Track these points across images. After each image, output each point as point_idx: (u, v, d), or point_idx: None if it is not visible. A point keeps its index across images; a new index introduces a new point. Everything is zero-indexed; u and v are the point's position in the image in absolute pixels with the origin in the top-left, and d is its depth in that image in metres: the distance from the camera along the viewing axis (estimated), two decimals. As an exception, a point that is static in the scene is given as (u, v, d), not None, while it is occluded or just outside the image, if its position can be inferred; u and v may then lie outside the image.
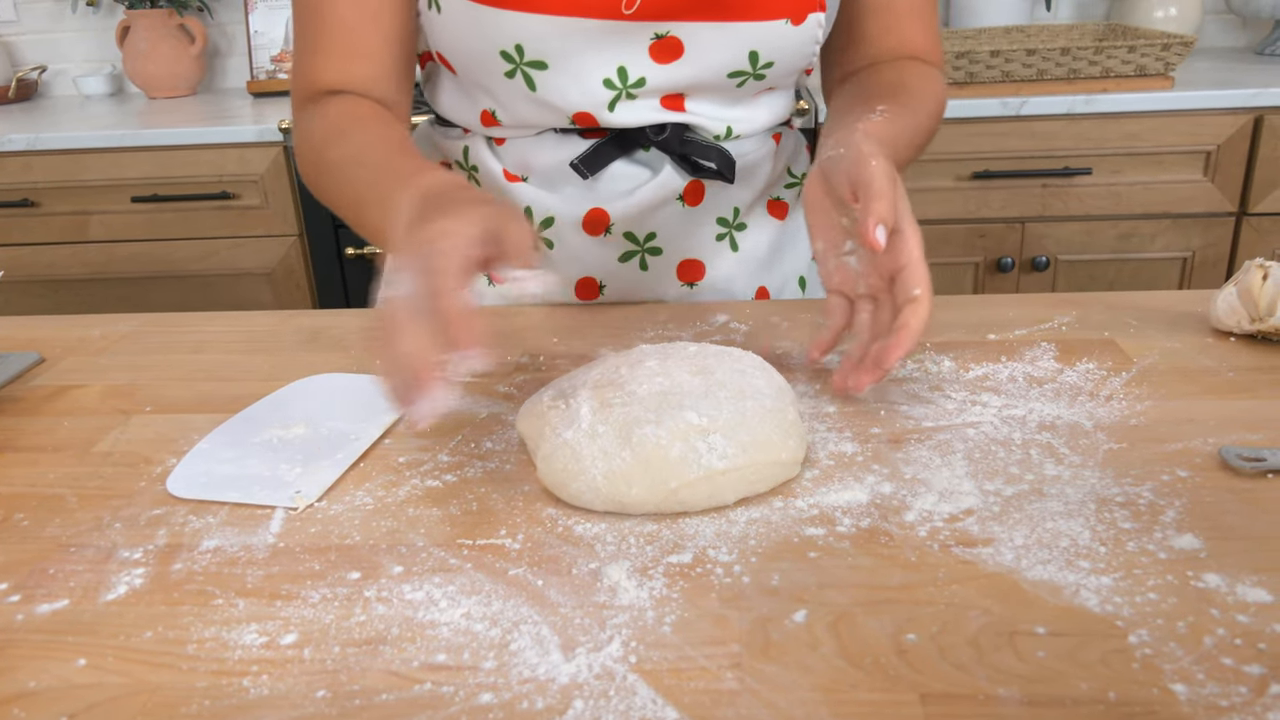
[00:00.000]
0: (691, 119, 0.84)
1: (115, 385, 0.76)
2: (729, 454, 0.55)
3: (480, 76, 0.82)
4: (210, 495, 0.59)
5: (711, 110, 0.85)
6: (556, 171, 0.87)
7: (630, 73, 0.80)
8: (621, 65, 0.80)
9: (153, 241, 2.02)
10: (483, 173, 0.89)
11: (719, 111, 0.85)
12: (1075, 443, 0.60)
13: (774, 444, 0.56)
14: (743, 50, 0.79)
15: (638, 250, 0.89)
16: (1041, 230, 1.87)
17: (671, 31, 0.78)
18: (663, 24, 0.78)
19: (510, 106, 0.84)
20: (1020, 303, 0.83)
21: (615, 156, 0.86)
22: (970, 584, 0.48)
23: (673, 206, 0.87)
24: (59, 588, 0.52)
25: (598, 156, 0.86)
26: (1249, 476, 0.56)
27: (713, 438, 0.55)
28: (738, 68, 0.80)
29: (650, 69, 0.80)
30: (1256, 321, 0.71)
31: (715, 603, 0.48)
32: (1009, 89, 1.80)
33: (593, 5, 0.76)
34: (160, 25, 2.29)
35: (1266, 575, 0.47)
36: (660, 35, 0.78)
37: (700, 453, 0.55)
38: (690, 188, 0.87)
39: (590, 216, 0.87)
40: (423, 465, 0.62)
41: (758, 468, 0.56)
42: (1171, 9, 2.11)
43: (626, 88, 0.81)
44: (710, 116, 0.85)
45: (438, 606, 0.48)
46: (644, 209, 0.87)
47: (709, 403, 0.57)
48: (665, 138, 0.85)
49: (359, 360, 0.78)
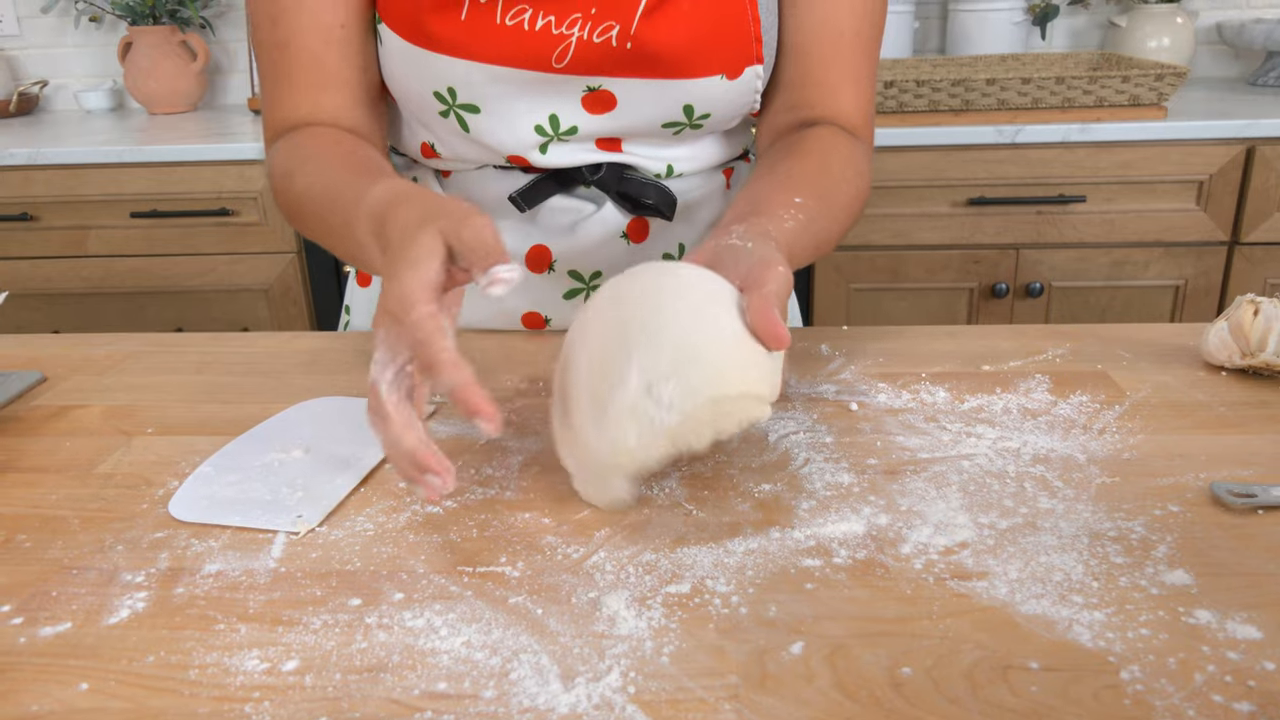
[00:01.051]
0: (629, 159, 0.84)
1: (117, 406, 0.76)
2: (675, 403, 0.54)
3: (418, 112, 0.83)
4: (212, 518, 0.60)
5: (650, 151, 0.85)
6: (498, 206, 0.86)
7: (562, 121, 0.81)
8: (553, 114, 0.80)
9: (151, 257, 2.02)
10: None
11: (658, 152, 0.85)
12: (1069, 476, 0.61)
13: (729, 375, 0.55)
14: (676, 104, 0.80)
15: (583, 287, 0.89)
16: (1036, 257, 1.88)
17: (604, 85, 0.78)
18: (594, 78, 0.78)
19: (447, 142, 0.84)
20: (1014, 334, 0.84)
21: (554, 191, 0.86)
22: (965, 618, 0.49)
23: (617, 244, 0.87)
24: (61, 610, 0.52)
25: (536, 191, 0.85)
26: (1239, 512, 0.57)
27: (657, 389, 0.54)
28: (672, 119, 0.81)
29: (582, 118, 0.81)
30: (1247, 356, 0.72)
31: (713, 633, 0.48)
32: (1004, 116, 1.82)
33: (523, 57, 0.76)
34: (162, 42, 2.30)
35: (1256, 612, 0.48)
36: (592, 88, 0.79)
37: (651, 415, 0.54)
38: (633, 225, 0.87)
39: (533, 253, 0.87)
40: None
41: (716, 404, 0.54)
42: (1165, 39, 2.14)
43: (558, 134, 0.81)
44: (649, 156, 0.85)
45: (438, 634, 0.49)
46: (586, 246, 0.87)
47: (651, 351, 0.55)
48: (602, 176, 0.85)
49: (358, 384, 0.78)
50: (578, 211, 0.86)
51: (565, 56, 0.76)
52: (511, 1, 0.75)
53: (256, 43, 0.82)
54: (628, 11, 0.75)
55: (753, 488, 0.61)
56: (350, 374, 0.81)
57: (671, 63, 0.77)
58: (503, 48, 0.76)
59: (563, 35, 0.76)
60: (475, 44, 0.76)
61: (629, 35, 0.75)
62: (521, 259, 0.87)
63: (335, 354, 0.85)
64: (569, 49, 0.76)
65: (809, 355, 0.81)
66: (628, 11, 0.75)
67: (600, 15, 0.75)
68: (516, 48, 0.76)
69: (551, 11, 0.75)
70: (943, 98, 1.83)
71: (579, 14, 0.75)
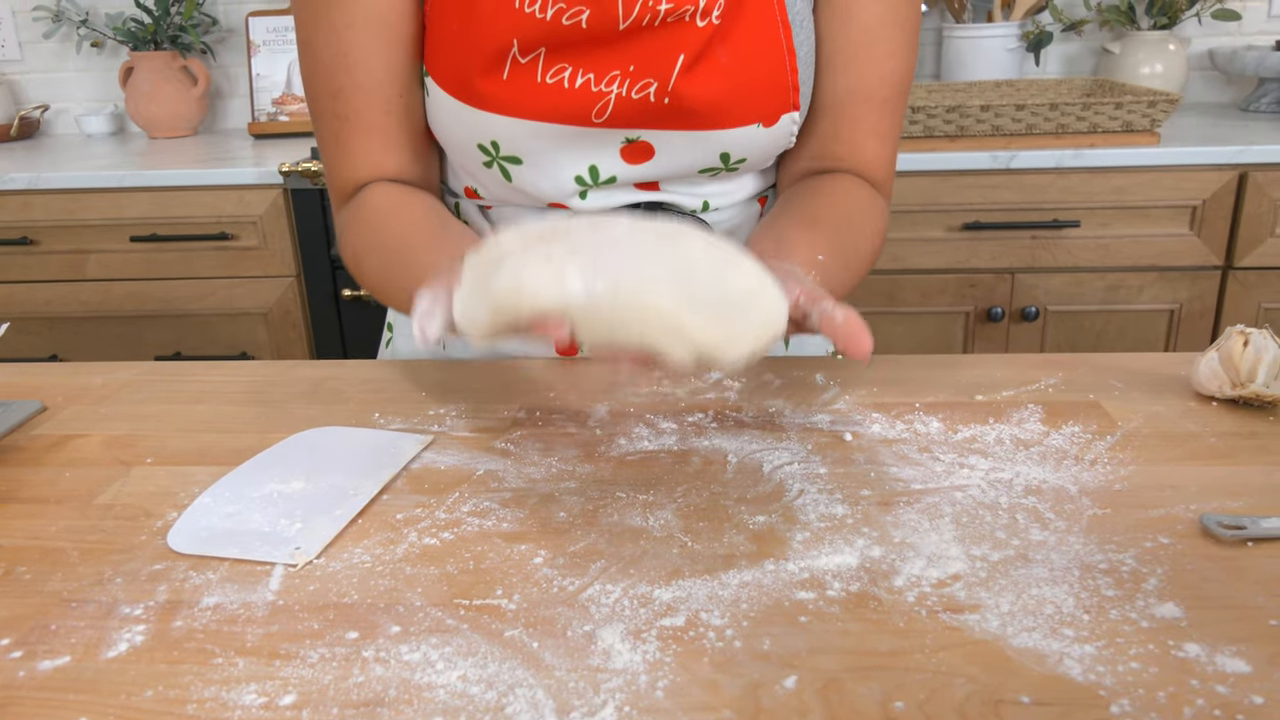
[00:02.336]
0: (666, 198, 0.87)
1: (116, 435, 0.77)
2: (595, 290, 0.50)
3: (463, 161, 0.86)
4: (211, 550, 0.60)
5: (687, 189, 0.87)
6: None
7: (601, 171, 0.83)
8: (593, 165, 0.83)
9: (150, 281, 2.03)
10: (472, 228, 0.91)
11: (695, 189, 0.87)
12: (1060, 507, 0.62)
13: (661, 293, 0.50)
14: (713, 152, 0.82)
15: None
16: (1031, 281, 1.89)
17: (642, 137, 0.81)
18: (633, 130, 0.80)
19: (490, 189, 0.88)
20: (1008, 363, 0.84)
21: None
22: (957, 651, 0.49)
23: None
24: (61, 644, 0.52)
25: None
26: (1229, 544, 0.57)
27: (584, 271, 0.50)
28: (709, 165, 0.83)
29: (621, 168, 0.83)
30: (1238, 387, 0.73)
31: (707, 667, 0.49)
32: (999, 142, 1.84)
33: (563, 113, 0.78)
34: (164, 67, 2.32)
35: (1245, 645, 0.49)
36: (631, 140, 0.81)
37: (567, 278, 0.50)
38: None
39: None
40: (420, 522, 0.63)
41: (627, 309, 0.50)
42: (1157, 65, 2.15)
43: (597, 183, 0.83)
44: (685, 194, 0.87)
45: (434, 668, 0.49)
46: None
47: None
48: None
49: (358, 413, 0.79)
50: None
51: (605, 112, 0.78)
52: (551, 60, 0.77)
53: (316, 114, 0.85)
54: (666, 68, 0.77)
55: (747, 519, 0.62)
56: (349, 404, 0.81)
57: (709, 115, 0.79)
58: (543, 105, 0.78)
59: (601, 92, 0.78)
60: (517, 101, 0.78)
61: (667, 91, 0.77)
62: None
63: (335, 383, 0.85)
64: (608, 105, 0.78)
65: (803, 384, 0.81)
66: (666, 68, 0.77)
67: (639, 73, 0.77)
68: (557, 104, 0.78)
69: (590, 70, 0.77)
70: (938, 123, 1.84)
71: (618, 71, 0.77)
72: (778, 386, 0.81)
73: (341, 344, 2.06)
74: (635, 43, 0.77)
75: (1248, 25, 2.28)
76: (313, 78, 0.83)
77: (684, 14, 0.76)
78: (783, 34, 0.79)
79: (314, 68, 0.83)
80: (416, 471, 0.70)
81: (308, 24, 0.82)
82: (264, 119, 2.33)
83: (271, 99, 2.33)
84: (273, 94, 2.33)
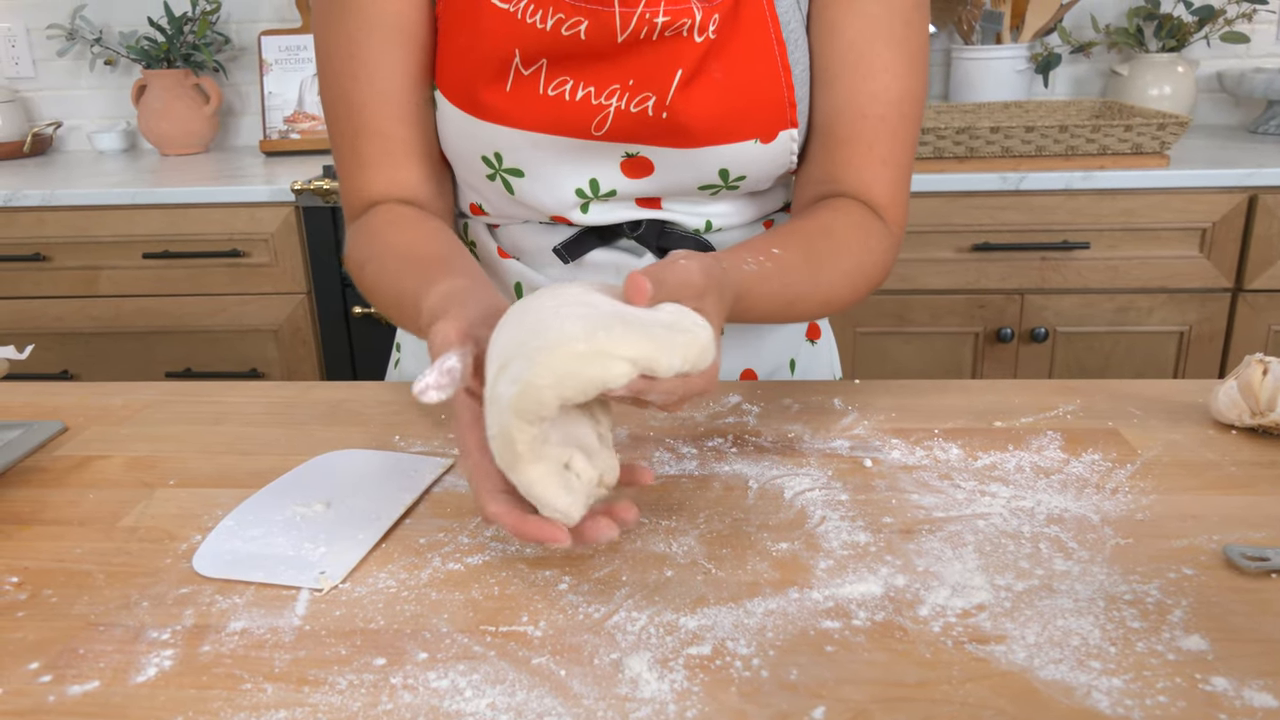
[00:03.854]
0: (669, 216, 0.87)
1: (138, 457, 0.77)
2: (519, 375, 0.51)
3: (467, 175, 0.87)
4: (236, 575, 0.60)
5: (688, 208, 0.88)
6: (543, 255, 0.90)
7: (602, 184, 0.84)
8: (593, 178, 0.84)
9: (161, 297, 2.04)
10: (479, 248, 0.93)
11: (696, 208, 0.88)
12: (1083, 537, 0.62)
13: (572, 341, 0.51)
14: (711, 169, 0.82)
15: None
16: (1041, 302, 1.90)
17: (641, 152, 0.82)
18: (632, 145, 0.81)
19: (494, 203, 0.88)
20: (1024, 389, 0.84)
21: (596, 244, 0.89)
22: (984, 683, 0.49)
23: None
24: (89, 668, 0.52)
25: (579, 244, 0.89)
26: (1254, 576, 0.57)
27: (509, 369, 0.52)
28: (708, 182, 0.84)
29: (621, 181, 0.84)
30: (1257, 416, 0.73)
31: (735, 697, 0.49)
32: (1008, 164, 1.84)
33: (564, 125, 0.80)
34: (176, 85, 2.33)
35: (1273, 679, 0.49)
36: (631, 154, 0.82)
37: (500, 393, 0.52)
38: None
39: None
40: (444, 547, 0.63)
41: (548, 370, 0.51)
42: (1166, 88, 2.16)
43: (598, 196, 0.84)
44: (687, 213, 0.88)
45: (463, 696, 0.49)
46: None
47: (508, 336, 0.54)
48: (642, 232, 0.88)
49: (377, 435, 0.79)
50: (619, 261, 0.89)
51: (604, 125, 0.79)
52: (554, 74, 0.79)
53: (332, 126, 0.86)
54: (664, 83, 0.78)
55: (770, 546, 0.62)
56: (369, 425, 0.81)
57: (705, 132, 0.79)
58: (545, 116, 0.79)
59: (601, 105, 0.79)
60: (519, 112, 0.79)
61: (664, 106, 0.78)
62: None
63: (354, 405, 0.86)
64: (608, 118, 0.79)
65: (822, 409, 0.82)
66: (664, 83, 0.78)
67: (637, 87, 0.78)
68: (558, 116, 0.79)
69: (591, 83, 0.78)
70: (947, 145, 1.85)
71: (617, 85, 0.78)
72: (796, 411, 0.82)
73: (351, 361, 2.06)
74: (634, 56, 0.78)
75: (1256, 48, 2.29)
76: (329, 88, 0.84)
77: (681, 28, 0.77)
78: (777, 51, 0.80)
79: (330, 78, 0.84)
80: (438, 495, 0.70)
81: (325, 33, 0.83)
82: (276, 137, 2.34)
83: (283, 117, 2.34)
84: (284, 112, 2.34)
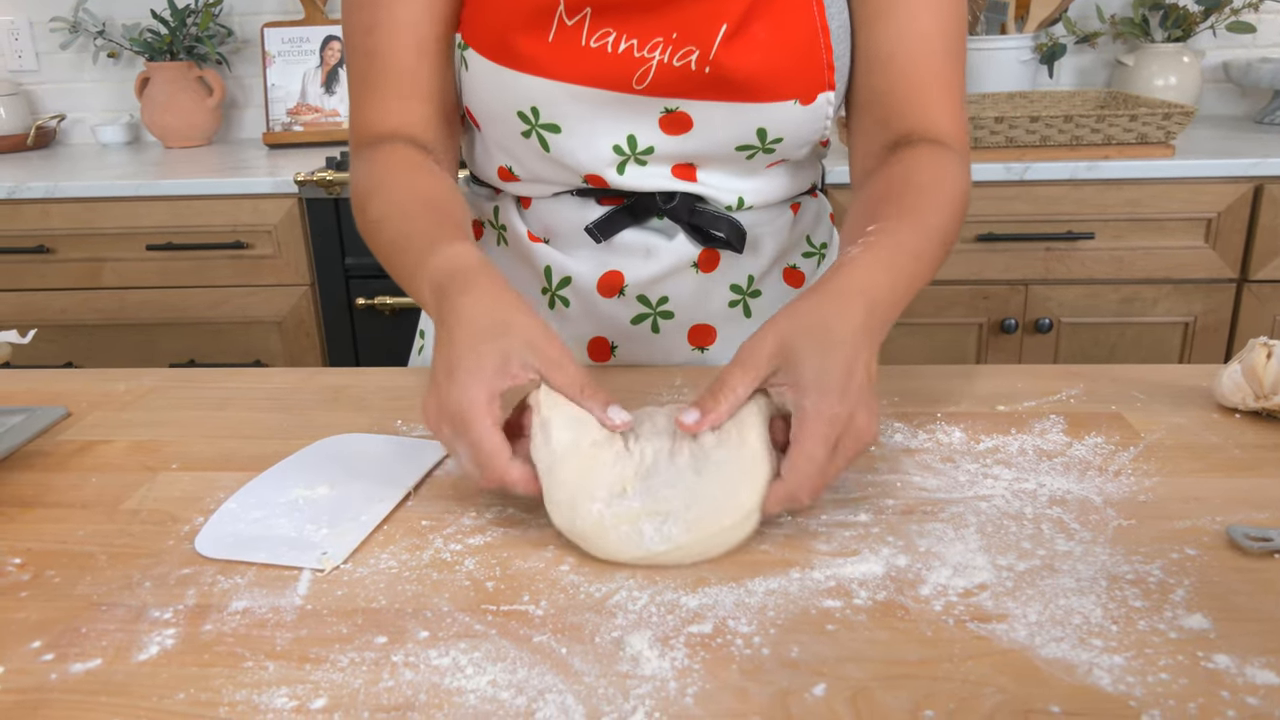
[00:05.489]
0: (703, 189, 0.87)
1: (141, 441, 0.77)
2: (672, 535, 0.58)
3: (500, 135, 0.86)
4: (238, 555, 0.60)
5: (723, 181, 0.87)
6: (574, 234, 0.89)
7: (639, 141, 0.83)
8: (631, 134, 0.83)
9: (165, 289, 2.04)
10: (510, 232, 0.92)
11: (730, 183, 0.87)
12: (1085, 518, 0.62)
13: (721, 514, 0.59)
14: (750, 127, 0.82)
15: (650, 313, 0.91)
16: (1045, 293, 1.89)
17: (680, 107, 0.81)
18: (672, 100, 0.81)
19: (526, 163, 0.87)
20: (1028, 374, 0.84)
21: (628, 223, 0.89)
22: (985, 660, 0.49)
23: (687, 273, 0.90)
24: (91, 647, 0.53)
25: (611, 222, 0.89)
26: (1256, 556, 0.57)
27: (655, 520, 0.59)
28: (745, 142, 0.83)
29: (659, 139, 0.83)
30: (1261, 399, 0.73)
31: (736, 674, 0.49)
32: (1013, 154, 1.84)
33: (605, 77, 0.79)
34: (179, 77, 2.33)
35: (1275, 657, 0.49)
36: (670, 110, 0.81)
37: (645, 535, 0.58)
38: (704, 255, 0.89)
39: (605, 279, 0.89)
40: (445, 529, 0.63)
41: (701, 542, 0.58)
42: (1171, 78, 2.16)
43: (635, 154, 0.84)
44: (721, 188, 0.87)
45: (464, 673, 0.49)
46: (658, 275, 0.89)
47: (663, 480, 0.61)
48: (675, 206, 0.87)
49: (379, 420, 0.79)
50: (650, 242, 0.89)
51: (646, 78, 0.79)
52: (597, 24, 0.79)
53: (349, 49, 0.85)
54: (708, 37, 0.78)
55: (772, 527, 0.62)
56: (371, 411, 0.81)
57: (748, 87, 0.79)
58: (586, 68, 0.79)
59: (644, 58, 0.79)
60: (560, 64, 0.79)
61: (708, 60, 0.78)
62: (594, 284, 0.90)
63: (356, 391, 0.86)
64: (649, 71, 0.79)
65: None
66: (708, 37, 0.78)
67: (681, 40, 0.78)
68: (599, 69, 0.79)
69: (634, 35, 0.78)
70: (951, 136, 1.84)
71: (661, 38, 0.78)
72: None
73: (354, 352, 2.06)
74: (679, 9, 0.78)
75: (1262, 38, 2.28)
76: (351, 13, 0.84)
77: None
78: (816, 10, 0.80)
79: (353, 2, 0.84)
80: (439, 478, 0.70)
81: None
82: (279, 129, 2.34)
83: (286, 109, 2.34)
84: (287, 104, 2.34)
